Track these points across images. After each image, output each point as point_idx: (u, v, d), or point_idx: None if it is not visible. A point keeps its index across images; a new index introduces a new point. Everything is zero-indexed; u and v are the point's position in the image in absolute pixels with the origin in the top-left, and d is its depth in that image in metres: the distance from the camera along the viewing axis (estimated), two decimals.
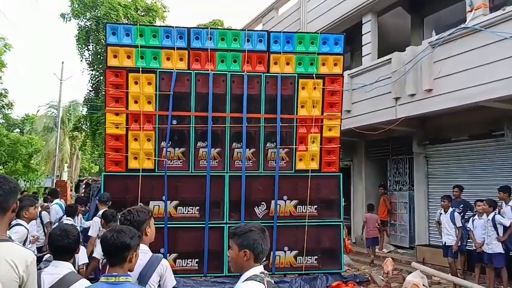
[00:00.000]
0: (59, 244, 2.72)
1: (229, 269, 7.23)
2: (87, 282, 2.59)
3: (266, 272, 2.24)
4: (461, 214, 8.22)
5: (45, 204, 9.80)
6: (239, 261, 2.22)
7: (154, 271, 2.87)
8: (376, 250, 11.32)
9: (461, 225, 7.84)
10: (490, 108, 8.10)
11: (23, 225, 4.80)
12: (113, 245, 2.37)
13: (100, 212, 6.71)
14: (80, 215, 8.43)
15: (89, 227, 6.81)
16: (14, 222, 4.69)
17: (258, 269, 2.21)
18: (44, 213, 8.35)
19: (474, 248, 7.71)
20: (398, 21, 12.16)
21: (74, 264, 2.87)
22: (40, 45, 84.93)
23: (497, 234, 7.14)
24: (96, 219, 6.57)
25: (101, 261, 5.33)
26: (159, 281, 2.91)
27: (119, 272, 2.35)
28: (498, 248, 7.13)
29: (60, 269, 2.64)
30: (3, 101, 21.23)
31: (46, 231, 7.87)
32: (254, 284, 2.11)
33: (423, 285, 6.93)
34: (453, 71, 8.13)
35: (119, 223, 2.90)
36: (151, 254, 2.96)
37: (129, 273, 2.43)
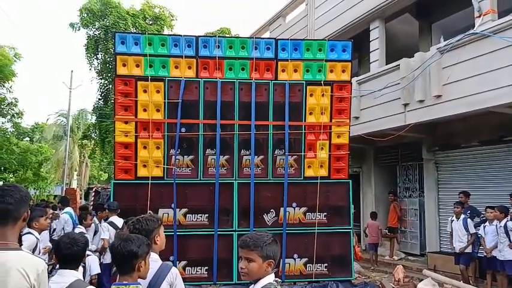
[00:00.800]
0: (67, 252, 2.73)
1: (239, 277, 7.21)
2: None
3: (278, 279, 2.25)
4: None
5: (55, 212, 9.83)
6: (261, 272, 2.21)
7: (164, 279, 2.86)
8: (387, 257, 11.26)
9: (474, 231, 7.76)
10: (500, 113, 8.05)
11: (33, 234, 4.82)
12: (120, 254, 2.39)
13: (110, 219, 6.86)
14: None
15: None
16: (25, 231, 4.71)
17: (272, 277, 2.23)
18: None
19: (485, 254, 7.62)
20: (406, 27, 12.14)
21: (84, 274, 2.87)
22: (50, 54, 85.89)
23: (510, 241, 7.06)
24: (105, 225, 6.75)
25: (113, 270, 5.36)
26: None
27: (128, 281, 2.36)
28: (510, 255, 7.04)
29: (66, 277, 2.64)
30: (13, 109, 21.45)
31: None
32: None
33: None
34: (462, 76, 8.09)
35: (128, 232, 2.90)
36: (161, 262, 2.95)
37: (139, 281, 2.43)
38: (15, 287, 2.05)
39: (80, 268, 2.88)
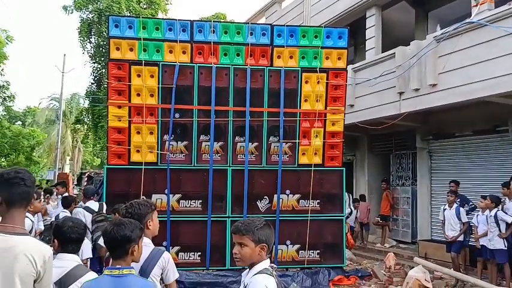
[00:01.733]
0: (73, 236, 2.71)
1: (232, 263, 7.25)
2: (95, 275, 2.58)
3: (274, 265, 2.26)
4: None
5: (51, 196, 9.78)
6: (254, 256, 2.24)
7: (156, 264, 2.86)
8: (378, 245, 11.36)
9: (466, 220, 7.83)
10: (495, 103, 8.07)
11: (28, 217, 4.80)
12: (113, 238, 2.38)
13: (86, 204, 6.91)
14: None
15: None
16: None
17: (267, 263, 2.26)
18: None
19: (474, 242, 7.71)
20: (403, 15, 12.07)
21: None
22: (42, 38, 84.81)
23: (499, 230, 7.13)
24: (80, 210, 6.73)
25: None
26: (161, 274, 2.90)
27: (122, 265, 2.36)
28: (500, 244, 7.11)
29: (67, 262, 2.63)
30: (5, 93, 21.24)
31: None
32: (266, 277, 2.16)
33: (425, 280, 6.90)
34: (458, 65, 8.08)
35: (121, 216, 2.89)
36: (153, 247, 2.95)
37: (132, 265, 2.42)
38: (22, 272, 2.05)
39: None
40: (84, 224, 2.91)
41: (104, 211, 6.79)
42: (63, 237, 2.73)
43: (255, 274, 2.19)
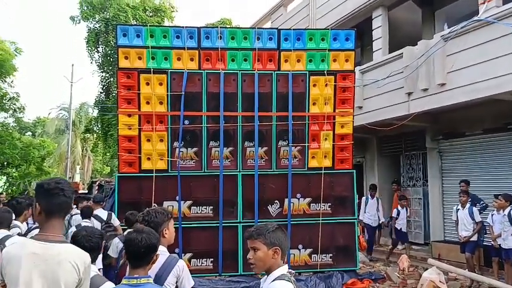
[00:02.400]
0: (87, 245, 2.73)
1: (244, 268, 7.24)
2: (112, 285, 2.59)
3: (292, 271, 2.25)
4: None
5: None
6: (268, 260, 2.23)
7: (171, 272, 2.86)
8: (391, 246, 11.26)
9: (480, 220, 7.75)
10: (505, 101, 8.00)
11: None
12: (139, 247, 2.38)
13: (95, 212, 7.02)
14: None
15: None
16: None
17: (285, 269, 2.24)
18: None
19: (492, 243, 7.61)
20: (409, 15, 12.03)
21: None
22: (50, 48, 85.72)
23: None
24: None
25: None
26: (176, 282, 2.90)
27: (140, 274, 2.37)
28: None
29: None
30: (15, 104, 21.38)
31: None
32: (285, 284, 2.14)
33: (440, 281, 6.84)
34: (466, 64, 8.03)
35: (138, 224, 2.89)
36: (168, 254, 2.95)
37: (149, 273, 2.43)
38: (67, 279, 2.10)
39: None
40: (100, 233, 2.92)
41: (112, 221, 6.97)
42: (78, 246, 2.75)
43: (273, 280, 2.17)
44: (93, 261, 2.75)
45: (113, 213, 7.09)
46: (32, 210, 5.11)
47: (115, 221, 7.02)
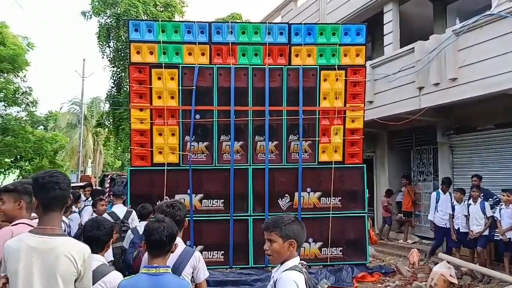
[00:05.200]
0: (89, 235, 2.78)
1: (255, 261, 7.32)
2: (119, 274, 2.64)
3: (304, 262, 2.29)
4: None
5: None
6: (283, 252, 2.27)
7: (188, 263, 2.93)
8: (401, 241, 11.29)
9: (491, 214, 7.74)
10: None
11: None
12: (161, 236, 2.43)
13: (112, 209, 6.46)
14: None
15: None
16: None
17: (297, 260, 2.28)
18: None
19: (501, 238, 7.60)
20: (420, 9, 11.96)
21: None
22: (62, 43, 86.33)
23: None
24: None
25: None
26: (192, 272, 2.97)
27: (159, 263, 2.41)
28: None
29: (92, 261, 2.65)
30: (27, 99, 21.64)
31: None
32: (296, 273, 2.19)
33: (450, 275, 6.85)
34: (478, 59, 7.98)
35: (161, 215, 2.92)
36: (185, 246, 3.02)
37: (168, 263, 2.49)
38: (64, 272, 2.14)
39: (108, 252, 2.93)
40: (110, 226, 2.92)
41: (130, 220, 6.25)
42: (83, 236, 2.83)
43: (285, 270, 2.22)
44: (100, 251, 2.79)
45: (133, 212, 6.27)
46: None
47: (133, 221, 6.18)
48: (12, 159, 22.88)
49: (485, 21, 7.91)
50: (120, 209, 6.41)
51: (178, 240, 2.93)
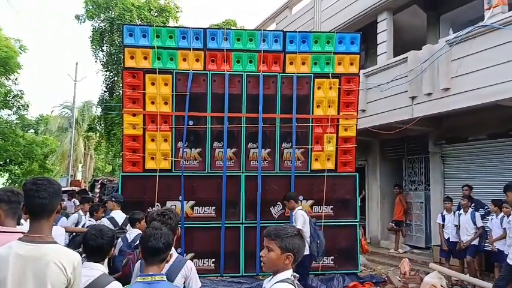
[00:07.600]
0: (92, 244, 2.72)
1: (246, 269, 7.27)
2: (119, 284, 2.59)
3: (296, 274, 2.26)
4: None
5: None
6: (279, 263, 2.24)
7: (179, 272, 2.89)
8: (392, 250, 11.29)
9: (482, 224, 7.76)
10: (509, 107, 7.99)
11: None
12: (163, 243, 2.41)
13: (111, 214, 6.43)
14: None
15: None
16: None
17: (290, 272, 2.26)
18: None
19: (491, 248, 7.62)
20: (414, 19, 12.04)
21: None
22: (55, 47, 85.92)
23: None
24: (104, 220, 6.25)
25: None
26: (184, 282, 2.92)
27: (155, 271, 2.39)
28: None
29: (92, 270, 2.62)
30: (19, 102, 21.49)
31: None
32: (287, 286, 2.16)
33: (441, 285, 6.86)
34: (471, 69, 8.04)
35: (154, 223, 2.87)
36: (177, 255, 2.98)
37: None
38: (53, 280, 2.10)
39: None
40: (112, 234, 2.87)
41: (128, 226, 5.96)
42: (85, 245, 2.77)
43: (277, 282, 2.20)
44: (102, 260, 2.74)
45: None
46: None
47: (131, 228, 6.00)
48: (1, 162, 22.64)
49: (478, 32, 7.97)
50: (119, 215, 6.39)
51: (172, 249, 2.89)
